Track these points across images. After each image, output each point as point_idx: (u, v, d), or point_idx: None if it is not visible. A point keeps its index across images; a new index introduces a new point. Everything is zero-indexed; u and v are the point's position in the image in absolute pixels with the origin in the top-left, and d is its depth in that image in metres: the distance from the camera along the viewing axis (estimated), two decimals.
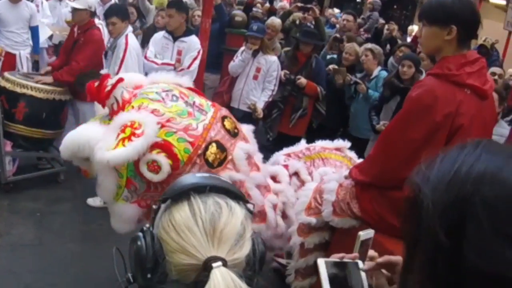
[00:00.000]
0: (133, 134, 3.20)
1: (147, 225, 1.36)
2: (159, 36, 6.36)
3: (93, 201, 5.93)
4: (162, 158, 3.28)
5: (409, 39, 11.72)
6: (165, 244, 1.30)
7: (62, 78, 6.03)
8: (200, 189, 1.33)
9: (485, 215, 0.89)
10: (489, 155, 0.97)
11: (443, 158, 1.01)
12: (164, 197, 1.35)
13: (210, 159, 3.39)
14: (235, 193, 1.37)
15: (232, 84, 6.91)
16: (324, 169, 3.96)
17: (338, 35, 8.49)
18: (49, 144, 6.48)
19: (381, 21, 11.10)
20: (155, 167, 3.28)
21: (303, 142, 4.41)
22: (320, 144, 4.26)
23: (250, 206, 1.41)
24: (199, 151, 3.37)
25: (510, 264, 0.85)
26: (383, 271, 1.58)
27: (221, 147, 3.41)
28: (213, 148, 3.41)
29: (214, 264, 1.24)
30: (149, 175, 3.27)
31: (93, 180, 6.18)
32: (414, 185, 1.01)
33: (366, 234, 1.76)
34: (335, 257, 1.61)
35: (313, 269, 3.49)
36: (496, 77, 6.61)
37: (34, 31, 7.59)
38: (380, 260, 1.57)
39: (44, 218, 5.57)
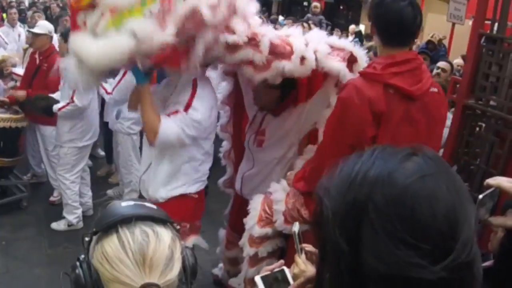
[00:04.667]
0: None
1: (83, 256, 1.45)
2: None
3: (57, 225, 6.00)
4: None
5: (351, 38, 11.94)
6: (101, 274, 1.39)
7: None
8: (127, 220, 1.42)
9: (377, 220, 0.96)
10: (382, 161, 1.03)
11: (342, 169, 1.07)
12: (94, 230, 1.44)
13: None
14: (160, 218, 1.46)
15: None
16: None
17: None
18: (9, 172, 6.52)
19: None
20: None
21: None
22: None
23: (176, 226, 1.51)
24: None
25: (404, 264, 0.93)
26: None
27: None
28: None
29: None
30: None
31: (56, 204, 6.29)
32: (317, 198, 1.08)
33: (300, 227, 1.91)
34: (266, 269, 1.78)
35: None
36: (439, 70, 6.81)
37: None
38: (300, 280, 1.73)
39: (9, 245, 5.58)
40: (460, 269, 0.94)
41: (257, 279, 1.74)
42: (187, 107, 3.52)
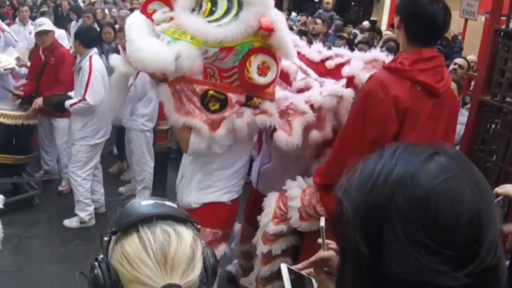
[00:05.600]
0: None
1: (101, 256, 1.40)
2: None
3: (69, 222, 6.00)
4: (274, 66, 3.46)
5: (366, 34, 11.89)
6: (121, 274, 1.35)
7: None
8: (147, 220, 1.38)
9: (399, 224, 0.92)
10: (404, 162, 0.98)
11: (362, 169, 1.03)
12: (113, 229, 1.39)
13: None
14: (181, 217, 1.43)
15: None
16: None
17: (303, 28, 8.59)
18: (22, 169, 6.54)
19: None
20: (264, 69, 3.43)
21: None
22: None
23: (197, 225, 1.47)
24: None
25: (426, 270, 0.90)
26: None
27: None
28: None
29: None
30: (254, 74, 3.40)
31: (67, 201, 6.30)
32: (337, 199, 1.04)
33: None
34: (296, 267, 1.73)
35: (276, 275, 3.56)
36: (456, 66, 6.73)
37: None
38: (312, 258, 1.69)
39: (21, 243, 5.59)
40: (485, 273, 0.91)
41: (283, 266, 1.69)
42: None
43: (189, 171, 3.86)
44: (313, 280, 1.70)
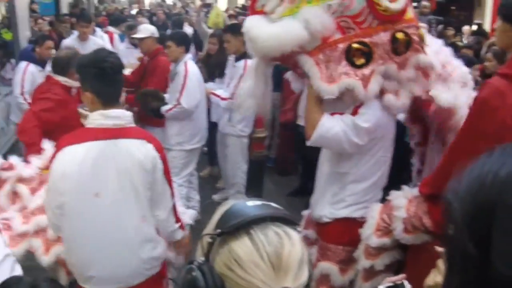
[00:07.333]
0: None
1: (202, 258, 1.34)
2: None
3: None
4: None
5: (465, 40, 11.53)
6: (229, 280, 1.29)
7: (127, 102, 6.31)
8: (258, 221, 1.32)
9: (508, 221, 0.90)
10: None
11: (472, 170, 1.02)
12: (221, 231, 1.32)
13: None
14: (289, 219, 1.36)
15: (297, 101, 6.72)
16: None
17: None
18: None
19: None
20: None
21: None
22: None
23: (297, 228, 1.40)
24: None
25: None
26: None
27: None
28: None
29: None
30: (385, 2, 3.16)
31: None
32: (446, 201, 1.02)
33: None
34: (389, 281, 1.74)
35: None
36: None
37: None
38: None
39: None
40: None
41: (406, 284, 1.70)
42: (355, 111, 3.37)
43: (323, 183, 3.65)
44: (406, 283, 1.72)
